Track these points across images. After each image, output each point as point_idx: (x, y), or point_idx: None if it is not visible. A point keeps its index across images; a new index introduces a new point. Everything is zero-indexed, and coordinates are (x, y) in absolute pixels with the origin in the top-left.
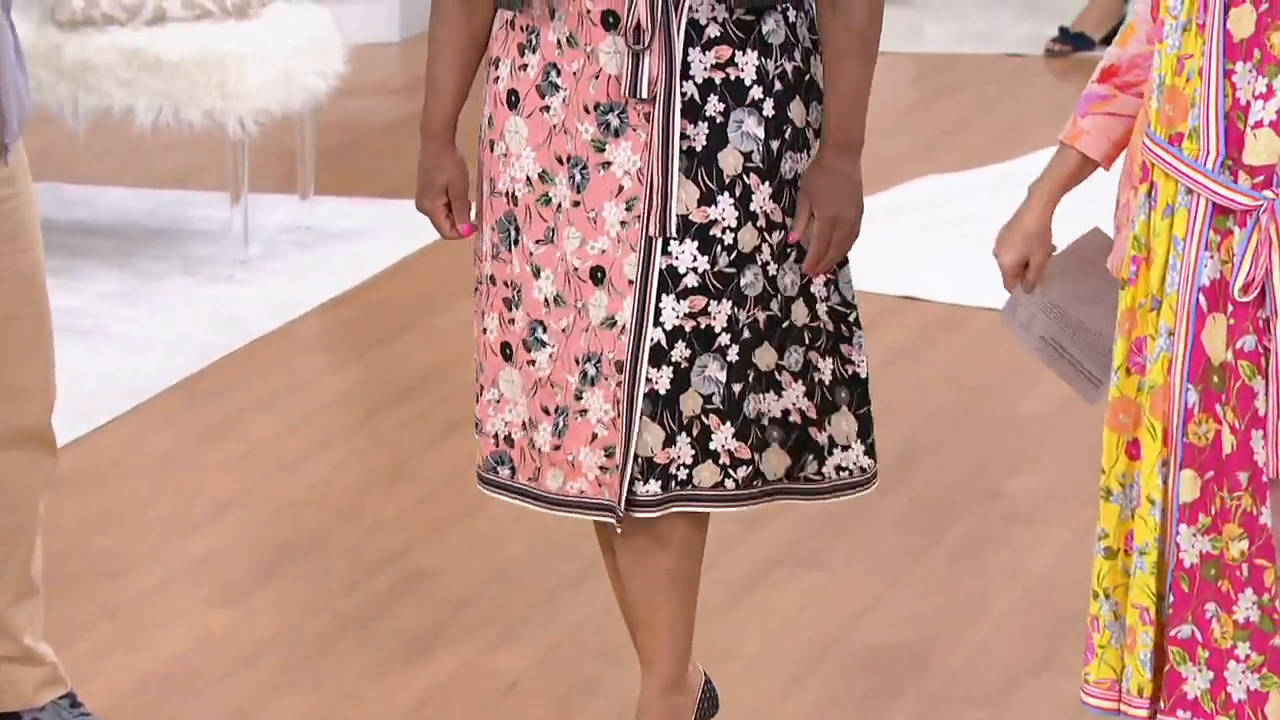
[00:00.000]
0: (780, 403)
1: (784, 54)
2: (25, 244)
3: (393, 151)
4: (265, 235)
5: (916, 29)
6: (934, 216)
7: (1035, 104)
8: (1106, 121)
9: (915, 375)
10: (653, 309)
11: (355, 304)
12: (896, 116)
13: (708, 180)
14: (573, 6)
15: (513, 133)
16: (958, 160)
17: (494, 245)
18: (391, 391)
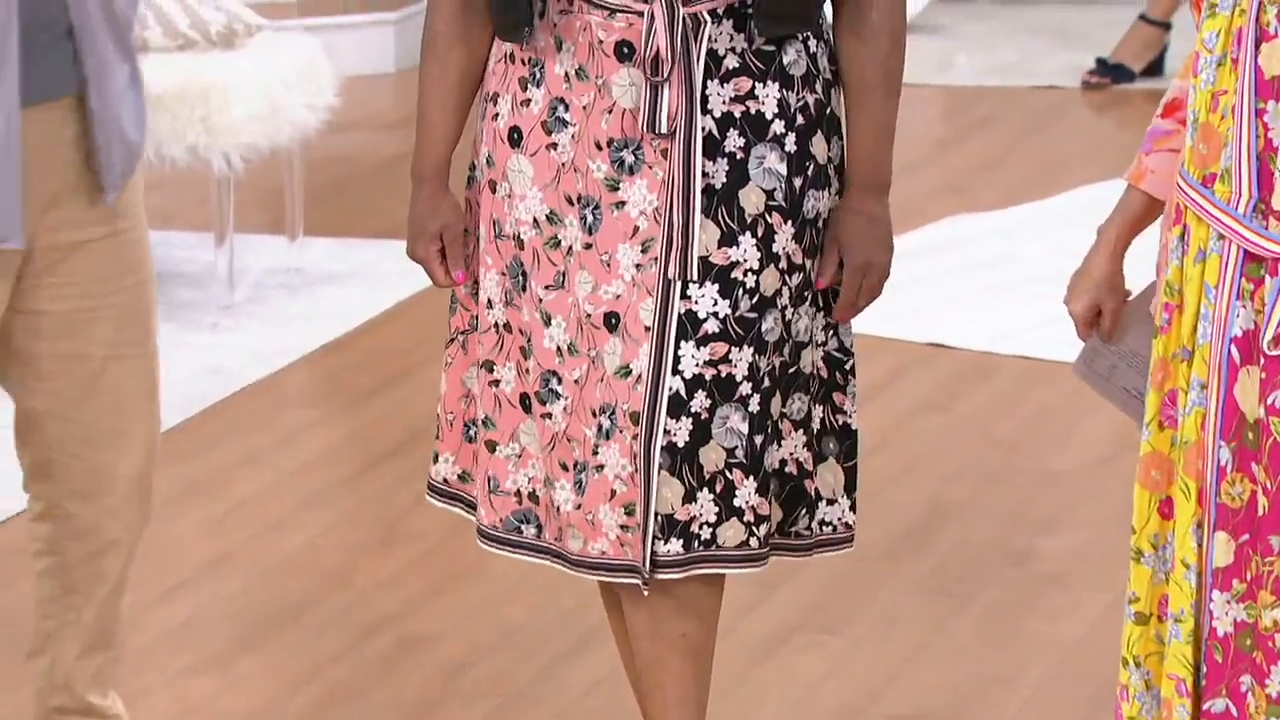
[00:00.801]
0: (779, 452)
1: (805, 86)
2: (131, 281)
3: (388, 189)
4: (251, 279)
5: (945, 60)
6: (963, 259)
7: (1071, 139)
8: (1171, 159)
9: (942, 428)
10: (671, 357)
11: (347, 352)
12: (924, 152)
13: (728, 220)
14: (582, 37)
15: (516, 172)
16: (989, 199)
17: (506, 291)
18: (384, 446)
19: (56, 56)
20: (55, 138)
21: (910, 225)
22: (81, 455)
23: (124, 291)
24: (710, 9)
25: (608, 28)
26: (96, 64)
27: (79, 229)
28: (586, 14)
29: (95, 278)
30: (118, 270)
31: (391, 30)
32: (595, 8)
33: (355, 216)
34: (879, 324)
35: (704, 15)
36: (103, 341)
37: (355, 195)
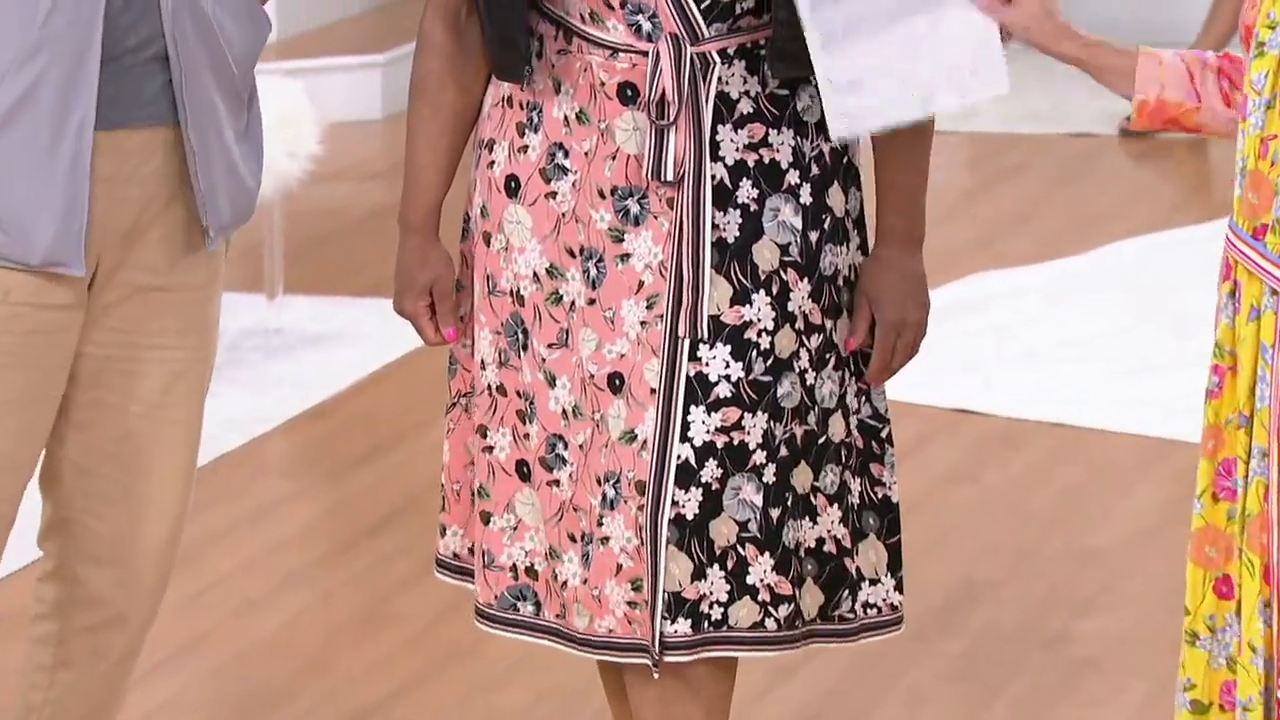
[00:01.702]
0: (815, 530)
1: (820, 133)
2: (191, 343)
3: (374, 243)
4: (227, 340)
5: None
6: (991, 319)
7: (1107, 191)
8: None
9: (971, 501)
10: (679, 422)
11: (330, 419)
12: (949, 205)
13: (741, 276)
14: (583, 79)
15: (514, 223)
16: (1019, 254)
17: (501, 351)
18: (370, 520)
19: (145, 82)
20: (134, 168)
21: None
22: (103, 517)
23: (179, 350)
24: (720, 49)
25: (610, 68)
26: (193, 96)
27: (148, 273)
28: (587, 54)
29: (150, 329)
30: (178, 327)
31: (379, 73)
32: (596, 47)
33: (339, 273)
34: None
35: (713, 55)
36: (144, 399)
37: (339, 250)
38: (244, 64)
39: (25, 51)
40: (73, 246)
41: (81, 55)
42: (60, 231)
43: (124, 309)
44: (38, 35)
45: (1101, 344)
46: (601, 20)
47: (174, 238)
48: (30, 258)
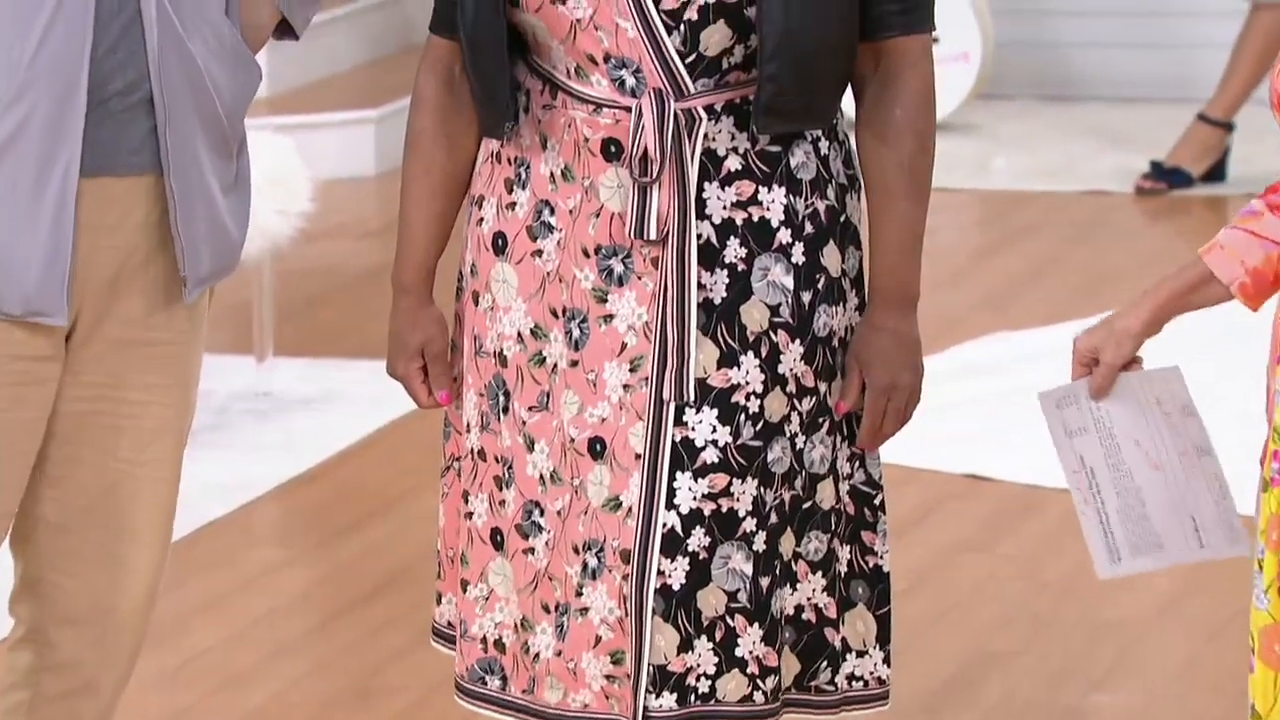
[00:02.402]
0: (794, 597)
1: (815, 191)
2: (173, 398)
3: (367, 304)
4: (214, 404)
5: (982, 162)
6: (1003, 382)
7: (1122, 251)
8: (1246, 240)
9: (984, 570)
10: (665, 489)
11: (321, 485)
12: (959, 264)
13: (728, 338)
14: (567, 135)
15: (500, 282)
16: (1031, 316)
17: (483, 414)
18: (361, 589)
19: (130, 128)
20: (118, 218)
21: (944, 344)
22: (78, 575)
23: (160, 405)
24: (707, 104)
25: (593, 124)
26: (177, 143)
27: (129, 325)
28: (571, 109)
29: (130, 383)
30: (159, 381)
31: (372, 129)
32: (580, 102)
33: (331, 335)
34: (910, 453)
35: (699, 111)
36: (123, 454)
37: (331, 311)
38: (233, 113)
39: (10, 93)
40: (55, 296)
41: (67, 97)
42: (43, 280)
43: (103, 362)
44: (23, 76)
45: None
46: (586, 75)
47: (156, 289)
48: (11, 306)
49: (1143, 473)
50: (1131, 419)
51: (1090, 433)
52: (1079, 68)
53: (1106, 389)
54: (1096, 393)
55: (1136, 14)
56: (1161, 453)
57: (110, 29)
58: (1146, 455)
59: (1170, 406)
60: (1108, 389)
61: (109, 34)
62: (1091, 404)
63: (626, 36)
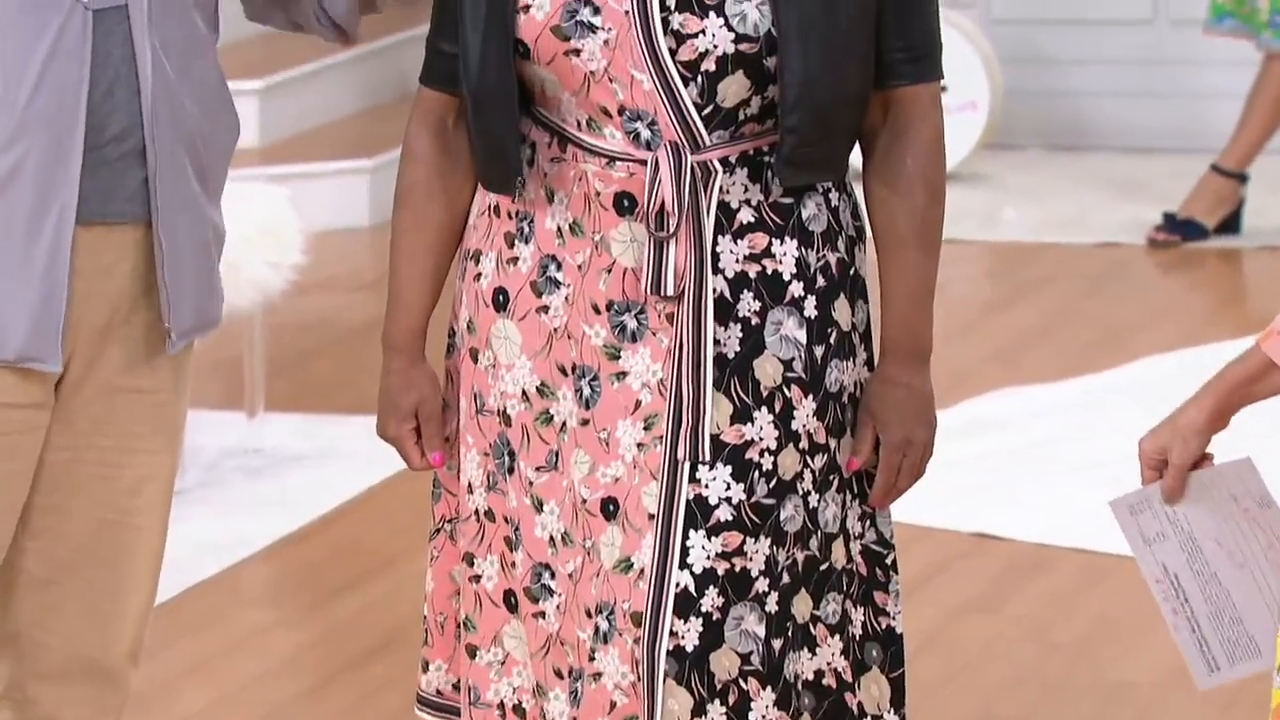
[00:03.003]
0: (814, 662)
1: (826, 244)
2: (157, 446)
3: (361, 359)
4: (204, 460)
5: (992, 213)
6: (1013, 438)
7: (1135, 304)
8: None
9: (993, 631)
10: (678, 548)
11: (313, 544)
12: (968, 317)
13: (742, 393)
14: (577, 188)
15: (501, 339)
16: (1042, 371)
17: (489, 474)
18: (355, 652)
19: (125, 175)
20: (110, 265)
21: (953, 400)
22: (60, 630)
23: (146, 455)
24: (722, 157)
25: (606, 177)
26: (168, 192)
27: (118, 373)
28: (582, 162)
29: (117, 432)
30: (146, 430)
31: (366, 179)
32: (592, 155)
33: (324, 390)
34: (918, 511)
35: (714, 164)
36: (109, 504)
37: (324, 366)
38: (219, 163)
39: (6, 135)
40: (49, 342)
41: (63, 142)
42: (36, 326)
43: (91, 409)
44: (19, 118)
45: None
46: (599, 128)
47: (144, 338)
48: (4, 352)
49: (1228, 573)
50: (1209, 518)
51: (1169, 538)
52: (1089, 117)
53: (1179, 491)
54: (1169, 495)
55: (1148, 62)
56: (1244, 550)
57: (106, 71)
58: (1230, 555)
59: (1247, 501)
60: (1180, 491)
61: (105, 76)
62: (1166, 508)
63: (642, 89)
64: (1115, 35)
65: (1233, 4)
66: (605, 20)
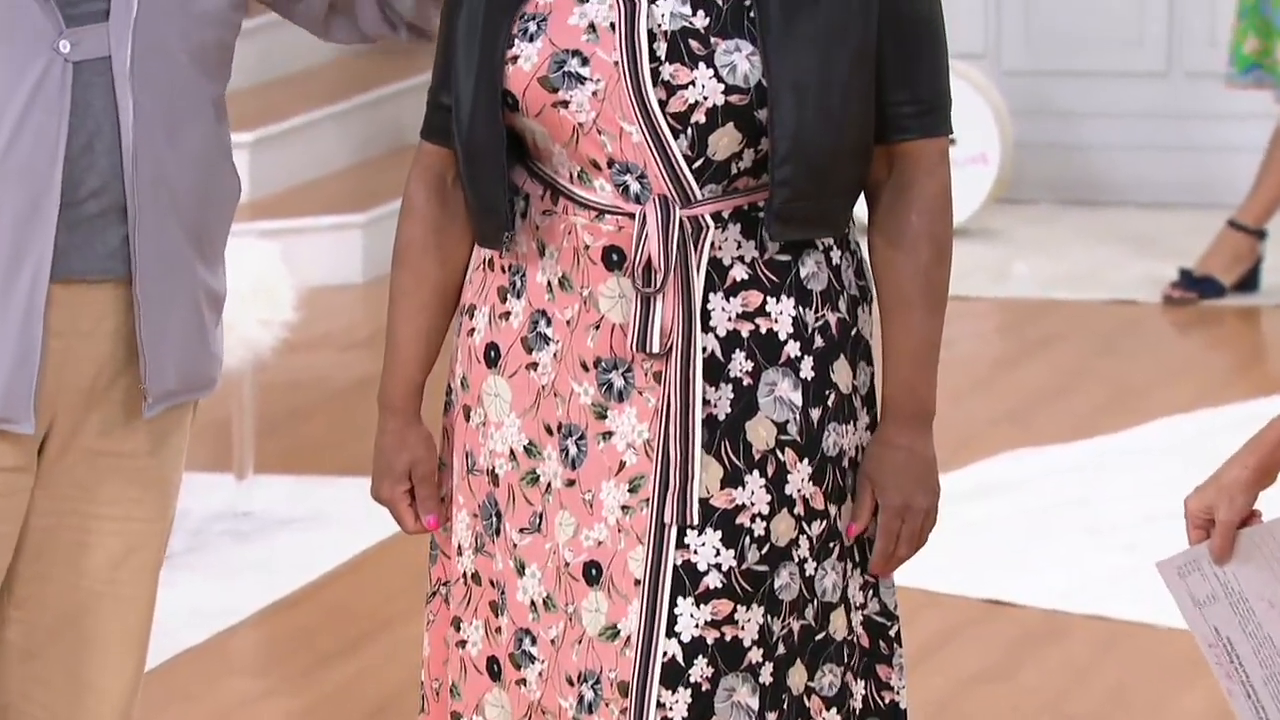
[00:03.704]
0: None
1: (826, 303)
2: (148, 513)
3: (354, 418)
4: (191, 524)
5: (1002, 269)
6: (1025, 501)
7: (1150, 363)
8: None
9: (1006, 702)
10: (665, 616)
11: (304, 610)
12: (978, 376)
13: (733, 456)
14: (566, 242)
15: (492, 396)
16: (1055, 432)
17: (477, 536)
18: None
19: (105, 232)
20: (92, 325)
21: (962, 462)
22: (45, 704)
23: (134, 521)
24: (714, 211)
25: (594, 231)
26: (148, 250)
27: (105, 437)
28: (571, 215)
29: (103, 498)
30: (133, 496)
31: (359, 234)
32: (582, 208)
33: (316, 451)
34: (927, 577)
35: (706, 219)
36: (94, 573)
37: (316, 425)
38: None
39: None
40: (23, 402)
41: (39, 197)
42: (9, 386)
43: (76, 474)
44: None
45: (1146, 530)
46: (589, 180)
47: (132, 400)
48: None
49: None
50: (1260, 578)
51: (1220, 600)
52: (1103, 171)
53: (1228, 550)
54: (1218, 556)
55: (1163, 115)
56: None
57: (86, 124)
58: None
59: None
60: (1229, 550)
61: (84, 129)
62: (1215, 569)
63: (631, 141)
64: (1129, 87)
65: (1259, 54)
66: (594, 71)
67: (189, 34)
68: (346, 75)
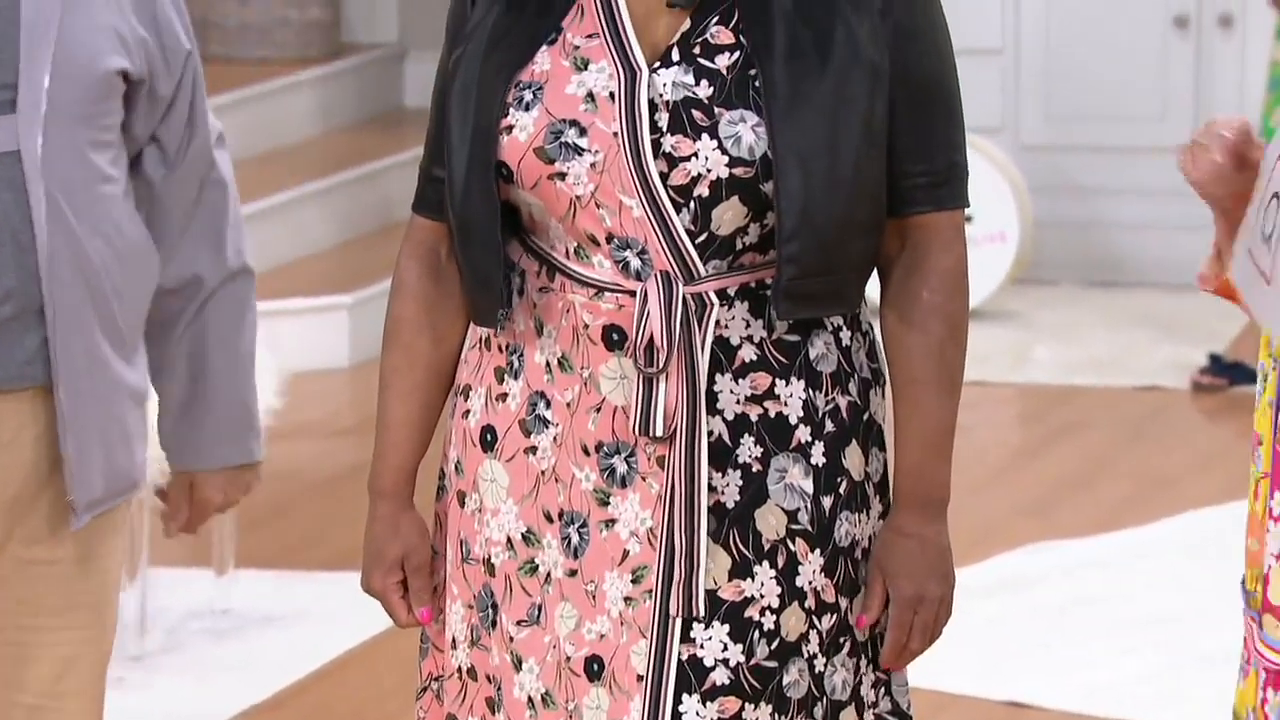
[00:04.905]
0: None
1: (836, 386)
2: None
3: (338, 511)
4: (168, 622)
5: (1022, 353)
6: (1047, 597)
7: (1178, 452)
8: None
9: None
10: (669, 713)
11: (285, 713)
12: (998, 466)
13: (741, 546)
14: (565, 320)
15: (488, 481)
16: (1078, 524)
17: (472, 628)
18: None
19: (22, 338)
20: (13, 432)
21: (981, 555)
22: None
23: (72, 631)
24: (719, 288)
25: (594, 309)
26: (76, 355)
27: (35, 546)
28: (570, 292)
29: (38, 609)
30: (69, 605)
31: (345, 316)
32: (580, 285)
33: (299, 545)
34: (944, 677)
35: (711, 296)
36: (34, 688)
37: (299, 518)
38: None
39: None
40: None
41: None
42: None
43: (8, 586)
44: None
45: (1175, 628)
46: (587, 256)
47: (59, 510)
48: None
49: None
50: None
51: None
52: (1127, 250)
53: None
54: None
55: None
56: None
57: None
58: None
59: None
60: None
61: None
62: None
63: (631, 215)
64: (1154, 163)
65: None
66: (592, 142)
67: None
68: (332, 149)
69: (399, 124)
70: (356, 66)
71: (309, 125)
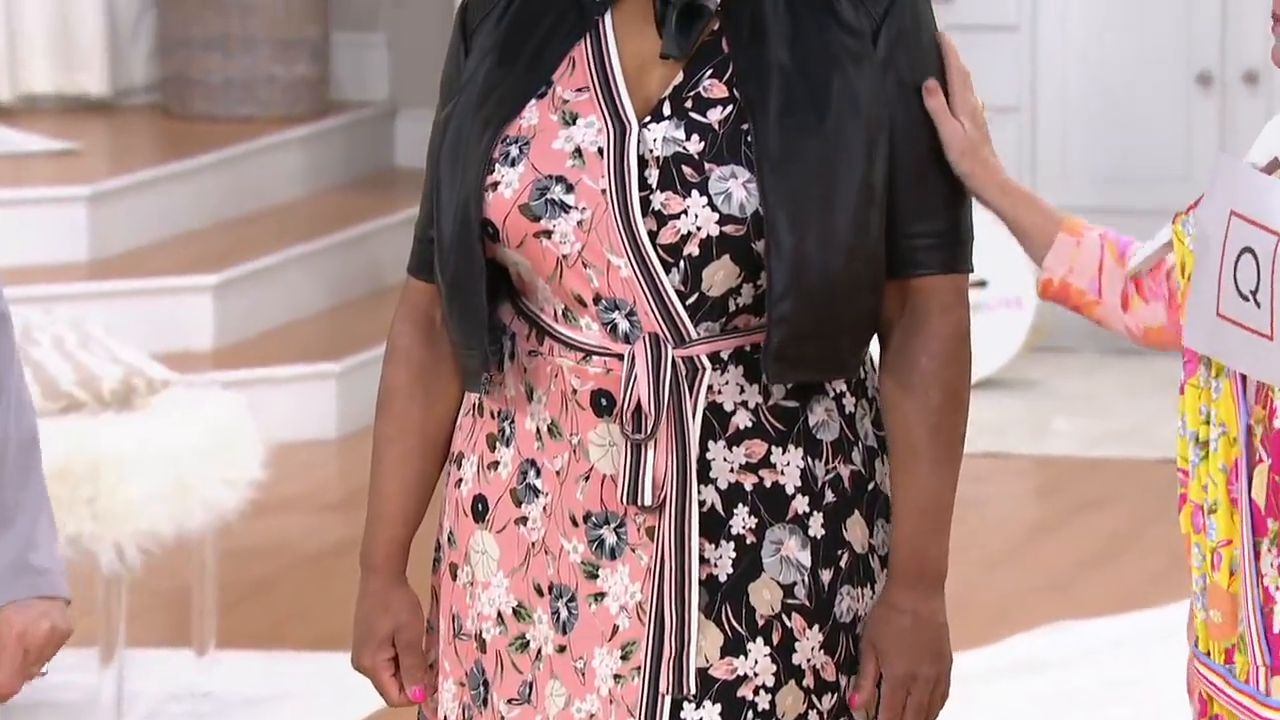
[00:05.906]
0: None
1: (837, 454)
2: None
3: (325, 588)
4: (147, 706)
5: (1040, 424)
6: (1068, 679)
7: None
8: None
9: None
10: None
11: None
12: (1015, 541)
13: (734, 622)
14: (554, 385)
15: (480, 553)
16: (1100, 602)
17: (464, 706)
18: None
19: None
20: None
21: (997, 635)
22: None
23: None
24: (711, 352)
25: (581, 373)
26: None
27: None
28: (558, 356)
29: None
30: None
31: (333, 385)
32: (568, 349)
33: (284, 624)
34: None
35: (702, 360)
36: None
37: (284, 596)
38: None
39: None
40: None
41: None
42: None
43: None
44: None
45: None
46: (574, 318)
47: None
48: None
49: None
50: None
51: None
52: None
53: None
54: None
55: None
56: None
57: None
58: None
59: None
60: None
61: None
62: None
63: (619, 275)
64: None
65: None
66: (579, 199)
67: None
68: (320, 211)
69: (390, 184)
70: (346, 125)
71: (296, 186)
